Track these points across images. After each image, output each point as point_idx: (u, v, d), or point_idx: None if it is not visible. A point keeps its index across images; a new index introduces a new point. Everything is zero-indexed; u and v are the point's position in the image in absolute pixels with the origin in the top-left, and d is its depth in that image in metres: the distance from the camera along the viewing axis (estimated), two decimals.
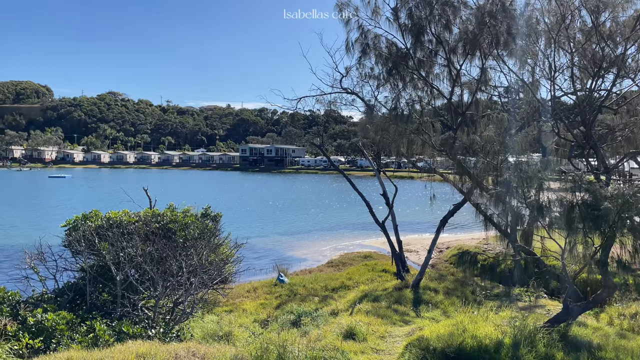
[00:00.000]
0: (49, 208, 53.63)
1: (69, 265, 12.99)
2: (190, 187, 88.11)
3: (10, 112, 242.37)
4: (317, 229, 41.89)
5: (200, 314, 14.59)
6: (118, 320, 9.76)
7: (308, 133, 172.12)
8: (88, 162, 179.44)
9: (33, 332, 8.46)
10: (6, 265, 25.94)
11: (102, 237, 12.14)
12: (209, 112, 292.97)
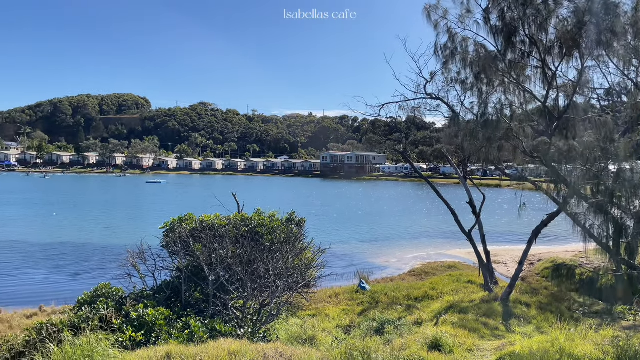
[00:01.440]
0: (148, 211, 57.65)
1: (166, 265, 13.90)
2: (273, 193, 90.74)
3: (114, 122, 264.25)
4: (399, 236, 41.35)
5: (285, 316, 14.95)
6: (210, 319, 10.26)
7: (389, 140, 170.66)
8: (181, 168, 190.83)
9: (135, 325, 9.13)
10: (112, 263, 28.27)
11: (196, 238, 12.86)
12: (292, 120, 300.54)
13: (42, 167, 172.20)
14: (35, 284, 24.75)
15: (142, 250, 13.57)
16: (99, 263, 29.33)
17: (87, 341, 6.05)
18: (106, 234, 39.95)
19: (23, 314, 17.81)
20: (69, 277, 26.19)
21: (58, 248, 33.52)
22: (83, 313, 10.24)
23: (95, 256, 31.31)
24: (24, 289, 23.46)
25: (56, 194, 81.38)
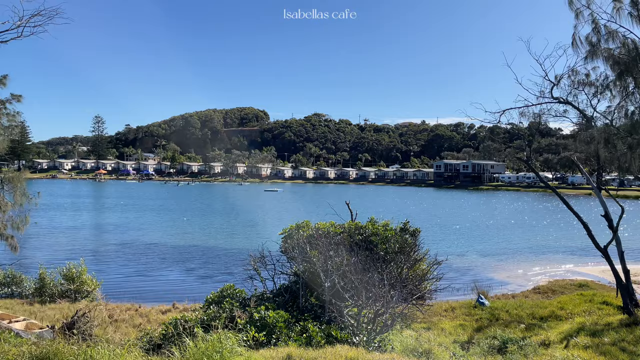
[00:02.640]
0: (266, 217, 60.67)
1: (284, 270, 14.49)
2: (385, 202, 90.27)
3: (236, 134, 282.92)
4: (521, 250, 38.73)
5: (399, 327, 14.74)
6: (326, 324, 10.48)
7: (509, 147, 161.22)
8: (295, 177, 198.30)
9: (258, 326, 9.63)
10: (234, 266, 30.17)
11: (312, 245, 13.23)
12: (404, 128, 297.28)
13: (174, 176, 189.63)
14: (169, 283, 27.21)
15: (262, 254, 14.31)
16: (223, 265, 31.46)
17: (217, 338, 6.52)
18: (229, 239, 42.76)
19: (159, 309, 19.64)
20: (197, 277, 28.42)
21: (188, 250, 36.59)
22: (211, 312, 11.04)
23: (219, 259, 33.64)
24: (160, 288, 25.91)
25: (186, 200, 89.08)
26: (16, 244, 22.50)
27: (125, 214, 62.79)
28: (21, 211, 22.06)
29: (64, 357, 6.09)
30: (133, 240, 40.72)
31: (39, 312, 18.63)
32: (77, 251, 33.84)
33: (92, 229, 49.07)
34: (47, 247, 36.08)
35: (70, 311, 17.80)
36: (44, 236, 40.46)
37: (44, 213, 56.20)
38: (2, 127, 18.95)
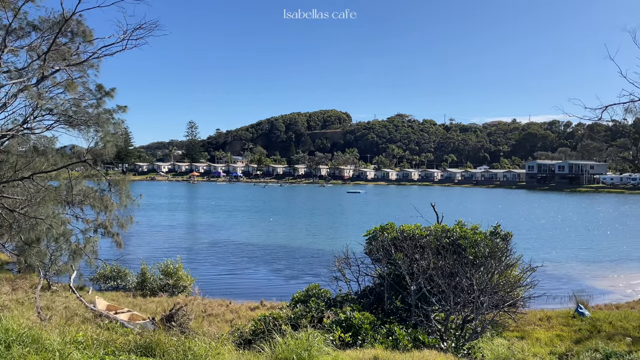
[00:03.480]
0: (349, 219, 60.97)
1: (369, 271, 14.47)
2: (473, 205, 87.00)
3: (319, 136, 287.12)
4: (627, 258, 35.55)
5: (489, 335, 14.13)
6: (412, 328, 10.31)
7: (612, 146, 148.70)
8: (378, 179, 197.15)
9: (343, 326, 9.70)
10: (318, 266, 30.61)
11: (397, 247, 13.10)
12: (493, 127, 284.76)
13: (261, 178, 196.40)
14: (256, 281, 28.20)
15: (347, 255, 14.39)
16: (307, 265, 32.04)
17: (306, 336, 6.66)
18: (313, 239, 43.47)
19: (248, 306, 20.42)
20: (282, 276, 29.19)
21: (274, 250, 37.70)
22: (298, 310, 11.30)
23: (303, 259, 34.30)
24: (248, 285, 26.93)
25: (272, 201, 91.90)
26: (121, 241, 24.47)
27: (216, 214, 66.01)
28: (125, 211, 23.97)
29: (164, 347, 6.52)
30: (224, 239, 42.72)
31: (141, 305, 20.13)
32: (173, 249, 36.14)
33: (186, 228, 52.18)
34: (146, 245, 38.90)
35: (168, 305, 19.02)
36: (144, 234, 43.66)
37: (144, 213, 60.61)
38: (110, 134, 20.69)
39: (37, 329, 6.28)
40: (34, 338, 5.97)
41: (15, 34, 16.30)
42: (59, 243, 21.41)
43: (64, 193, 22.83)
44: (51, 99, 19.01)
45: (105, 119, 20.73)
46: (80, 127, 21.60)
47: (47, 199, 20.66)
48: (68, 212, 23.43)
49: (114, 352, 6.25)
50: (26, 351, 5.61)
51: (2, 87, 15.39)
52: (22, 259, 22.52)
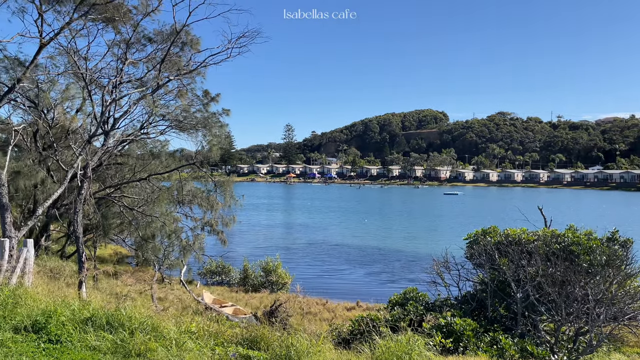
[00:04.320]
0: (446, 221, 59.17)
1: (470, 276, 13.90)
2: (585, 208, 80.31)
3: (414, 137, 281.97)
4: None
5: (606, 349, 12.94)
6: (519, 338, 9.74)
7: None
8: (477, 180, 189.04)
9: (444, 332, 9.41)
10: (414, 269, 30.08)
11: (501, 252, 12.45)
12: (607, 124, 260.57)
13: (355, 179, 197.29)
14: (352, 281, 28.34)
15: (446, 259, 13.96)
16: (403, 268, 31.59)
17: (406, 339, 6.56)
18: (408, 242, 42.77)
19: (344, 306, 20.59)
20: (377, 278, 29.06)
21: (368, 252, 37.66)
22: (396, 313, 11.17)
23: (398, 261, 33.86)
24: (344, 285, 27.14)
25: (367, 202, 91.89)
26: (225, 238, 25.93)
27: (312, 214, 67.42)
28: (229, 211, 25.33)
29: (268, 341, 6.77)
30: (319, 240, 43.50)
31: (243, 300, 21.12)
32: (272, 247, 37.48)
33: (284, 228, 53.89)
34: (247, 243, 40.77)
35: (269, 301, 19.77)
36: (245, 233, 45.80)
37: (245, 212, 63.56)
38: (216, 137, 21.98)
39: (156, 318, 6.82)
40: (154, 326, 6.50)
41: (134, 47, 17.88)
42: (171, 239, 23.17)
43: (175, 193, 24.67)
44: (164, 105, 20.62)
45: (212, 122, 22.07)
46: (190, 130, 23.17)
47: (161, 199, 22.47)
48: (179, 211, 25.30)
49: (222, 344, 6.60)
50: (147, 338, 6.11)
51: (125, 96, 16.94)
52: (139, 253, 24.70)
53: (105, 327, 6.47)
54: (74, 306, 7.19)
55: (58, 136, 20.79)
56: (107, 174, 24.25)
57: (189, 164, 23.46)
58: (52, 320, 6.39)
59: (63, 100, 19.40)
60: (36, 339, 6.03)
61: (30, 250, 9.46)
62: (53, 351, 5.70)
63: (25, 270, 9.27)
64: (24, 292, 7.89)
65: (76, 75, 18.30)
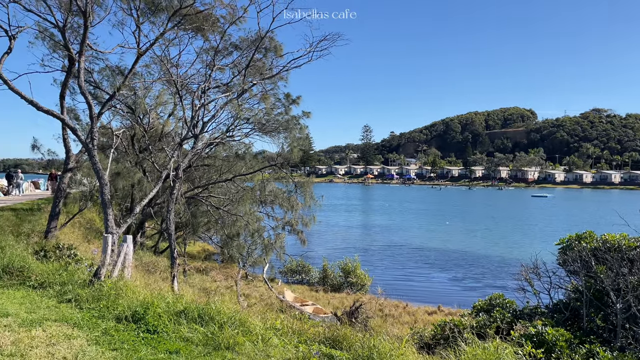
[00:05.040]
0: (535, 225, 56.01)
1: (562, 284, 13.05)
2: None
3: (499, 136, 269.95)
4: None
5: None
6: (619, 351, 8.99)
7: None
8: (569, 182, 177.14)
9: (534, 341, 8.90)
10: (500, 274, 28.82)
11: (598, 259, 11.56)
12: None
13: (435, 180, 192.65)
14: (432, 285, 27.67)
15: (536, 265, 13.21)
16: (487, 273, 30.34)
17: (494, 347, 6.29)
18: (493, 246, 41.00)
19: (425, 310, 20.17)
20: (460, 282, 28.14)
21: (450, 255, 36.59)
22: (481, 319, 10.74)
23: (482, 266, 32.56)
24: (424, 289, 26.58)
25: (448, 204, 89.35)
26: (305, 238, 26.41)
27: (391, 216, 66.73)
28: (309, 211, 25.78)
29: (350, 342, 6.79)
30: (398, 242, 42.95)
31: (323, 299, 21.36)
32: (350, 248, 37.56)
33: (362, 229, 53.80)
34: (325, 243, 41.19)
35: (348, 301, 19.85)
36: (323, 233, 46.31)
37: (323, 213, 64.29)
38: (296, 139, 22.47)
39: (244, 313, 7.09)
40: (241, 321, 6.75)
41: (221, 54, 18.73)
42: (254, 238, 24.00)
43: (258, 193, 25.55)
44: (248, 109, 21.39)
45: (292, 125, 22.58)
46: (272, 133, 23.88)
47: (245, 198, 23.36)
48: (261, 210, 26.16)
49: (305, 342, 6.72)
50: (235, 332, 6.37)
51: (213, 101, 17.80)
52: (225, 250, 25.84)
53: (197, 319, 6.83)
54: (168, 299, 7.67)
55: (153, 139, 22.28)
56: (195, 175, 25.65)
57: (270, 165, 24.18)
58: (150, 311, 6.85)
59: (157, 105, 20.80)
60: (136, 329, 6.49)
61: (129, 246, 10.20)
62: (151, 340, 6.11)
63: (125, 264, 10.00)
64: (124, 285, 8.53)
65: (168, 82, 19.52)
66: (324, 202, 27.18)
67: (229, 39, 17.74)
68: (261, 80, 17.85)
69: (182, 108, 18.63)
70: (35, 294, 8.04)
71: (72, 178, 17.43)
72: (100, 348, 5.67)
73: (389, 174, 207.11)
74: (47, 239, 13.69)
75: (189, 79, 20.59)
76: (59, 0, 13.47)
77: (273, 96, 22.00)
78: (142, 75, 20.91)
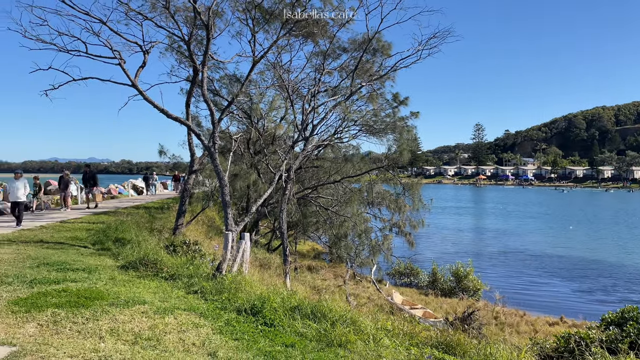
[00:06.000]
0: None
1: None
2: None
3: (632, 132, 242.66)
4: None
5: None
6: None
7: None
8: None
9: None
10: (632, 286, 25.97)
11: None
12: None
13: (555, 181, 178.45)
14: (553, 294, 25.65)
15: None
16: (618, 284, 27.44)
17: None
18: (625, 255, 36.95)
19: (545, 320, 18.78)
20: (585, 292, 25.79)
21: (574, 263, 33.66)
22: (612, 333, 9.78)
23: (613, 276, 29.51)
24: (543, 298, 24.73)
25: (572, 208, 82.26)
26: (412, 240, 25.99)
27: (506, 219, 63.12)
28: (417, 213, 25.32)
29: (465, 348, 6.57)
30: (515, 247, 40.47)
31: (432, 303, 20.85)
32: (461, 253, 36.17)
33: (473, 233, 51.53)
34: (434, 246, 40.11)
35: (459, 306, 19.16)
36: (432, 236, 45.10)
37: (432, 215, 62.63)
38: (405, 140, 22.22)
39: (354, 313, 7.19)
40: (352, 320, 6.85)
41: (330, 57, 19.16)
42: (362, 239, 24.15)
43: (365, 194, 25.66)
44: (356, 111, 21.61)
45: (401, 126, 22.37)
46: (379, 134, 23.87)
47: (352, 200, 23.60)
48: (368, 212, 26.24)
49: (417, 345, 6.63)
50: (347, 330, 6.47)
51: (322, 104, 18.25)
52: (333, 250, 26.32)
53: (310, 316, 7.06)
54: (283, 294, 8.02)
55: (266, 142, 23.42)
56: (305, 176, 26.47)
57: (378, 167, 24.15)
58: (266, 305, 7.22)
59: (270, 110, 21.83)
60: (254, 321, 6.88)
61: (247, 243, 10.83)
62: (268, 333, 6.43)
63: (243, 260, 10.64)
64: (243, 279, 9.07)
65: (280, 87, 20.41)
66: (432, 204, 26.53)
67: (337, 42, 18.07)
68: (369, 82, 17.93)
69: (292, 112, 19.39)
70: (167, 284, 8.86)
71: (195, 179, 18.93)
72: (223, 337, 6.09)
73: (503, 174, 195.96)
74: (175, 235, 15.00)
75: (299, 83, 21.36)
76: (185, 16, 14.72)
77: (380, 96, 22.01)
78: (257, 81, 22.10)
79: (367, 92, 20.57)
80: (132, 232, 13.36)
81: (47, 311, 6.31)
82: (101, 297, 7.14)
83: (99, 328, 5.87)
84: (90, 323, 6.02)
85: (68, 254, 10.93)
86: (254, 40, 14.43)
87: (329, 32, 16.79)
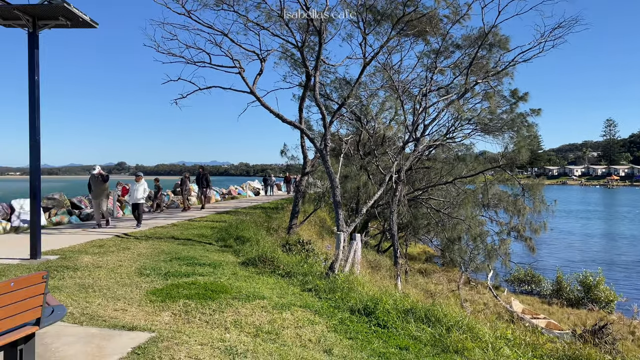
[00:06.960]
0: None
1: None
2: None
3: None
4: None
5: None
6: None
7: None
8: None
9: None
10: None
11: None
12: None
13: None
14: None
15: None
16: None
17: None
18: None
19: None
20: None
21: None
22: None
23: None
24: None
25: None
26: (534, 245, 24.25)
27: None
28: (538, 216, 23.59)
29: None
30: None
31: (557, 314, 19.30)
32: (589, 260, 32.99)
33: (604, 239, 46.71)
34: (558, 252, 37.01)
35: (588, 318, 17.53)
36: (556, 241, 41.67)
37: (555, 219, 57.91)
38: (523, 138, 20.86)
39: (471, 319, 6.91)
40: (469, 327, 6.60)
41: (442, 55, 18.63)
42: (476, 242, 23.07)
43: (480, 196, 24.49)
44: (470, 109, 20.76)
45: (519, 123, 21.06)
46: (495, 133, 22.70)
47: (466, 201, 22.68)
48: (484, 214, 25.01)
49: (541, 357, 6.20)
50: (463, 337, 6.25)
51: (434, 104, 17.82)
52: (445, 253, 25.47)
53: (424, 319, 6.93)
54: (395, 296, 7.97)
55: (376, 144, 23.43)
56: (415, 177, 25.98)
57: (493, 167, 22.92)
58: (379, 307, 7.23)
59: (380, 111, 21.77)
60: (367, 322, 6.92)
61: (358, 243, 10.94)
62: (382, 334, 6.43)
63: (355, 260, 10.75)
64: (355, 279, 9.18)
65: (391, 88, 20.28)
66: (556, 206, 24.53)
67: (449, 39, 17.52)
68: (484, 79, 17.12)
69: (403, 112, 19.15)
70: (283, 281, 9.26)
71: (307, 181, 19.52)
72: (338, 335, 6.22)
73: None
74: (289, 234, 15.61)
75: (409, 83, 21.06)
76: (298, 23, 15.27)
77: (497, 93, 20.91)
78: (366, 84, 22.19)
79: (481, 89, 19.68)
80: (250, 231, 14.17)
81: (179, 302, 6.92)
82: (225, 291, 7.66)
83: (224, 319, 6.31)
84: (217, 314, 6.50)
85: (195, 249, 11.90)
86: (365, 42, 14.52)
87: (441, 30, 16.34)
